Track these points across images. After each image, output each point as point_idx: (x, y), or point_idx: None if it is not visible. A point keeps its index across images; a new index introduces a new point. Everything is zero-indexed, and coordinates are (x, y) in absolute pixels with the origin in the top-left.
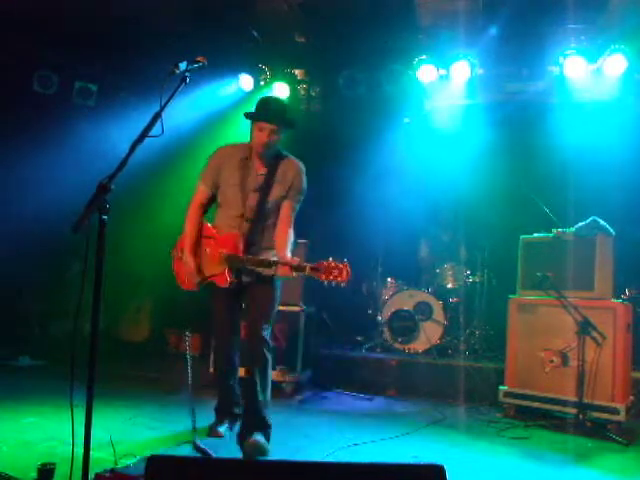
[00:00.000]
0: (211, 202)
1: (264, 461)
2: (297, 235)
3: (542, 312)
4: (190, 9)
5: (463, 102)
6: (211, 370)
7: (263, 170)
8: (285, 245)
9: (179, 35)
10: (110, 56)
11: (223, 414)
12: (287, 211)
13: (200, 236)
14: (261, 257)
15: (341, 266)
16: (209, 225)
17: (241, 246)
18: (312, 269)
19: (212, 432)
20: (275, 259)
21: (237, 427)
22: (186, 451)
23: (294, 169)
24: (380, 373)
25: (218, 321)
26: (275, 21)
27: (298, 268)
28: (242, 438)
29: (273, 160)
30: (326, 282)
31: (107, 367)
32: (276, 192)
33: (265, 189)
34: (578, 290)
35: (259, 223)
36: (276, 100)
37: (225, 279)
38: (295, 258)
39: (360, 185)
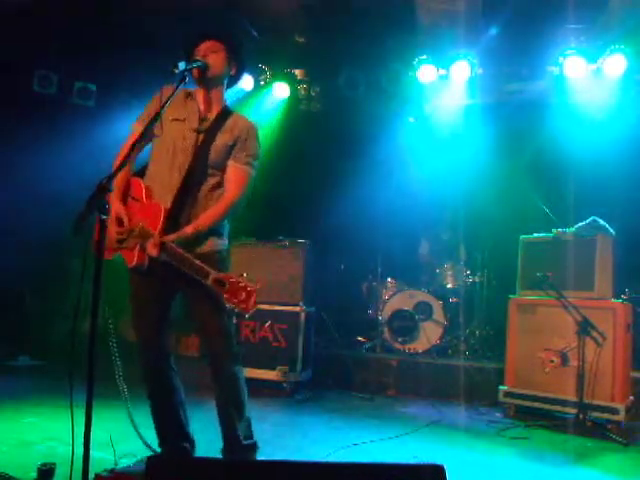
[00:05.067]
0: (146, 144)
1: (264, 461)
2: (297, 235)
3: (542, 312)
4: (190, 9)
5: (463, 102)
6: None
7: (209, 114)
8: (213, 215)
9: (179, 35)
10: (110, 56)
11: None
12: (234, 172)
13: (128, 193)
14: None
15: (250, 289)
16: (140, 182)
17: (161, 220)
18: (216, 281)
19: None
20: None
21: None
22: None
23: (246, 122)
24: (380, 373)
25: (136, 313)
26: (275, 21)
27: (200, 270)
28: None
29: (222, 110)
30: (228, 304)
31: (106, 367)
32: (223, 139)
33: (210, 133)
34: (578, 290)
35: (196, 176)
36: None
37: (132, 257)
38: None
39: (360, 185)
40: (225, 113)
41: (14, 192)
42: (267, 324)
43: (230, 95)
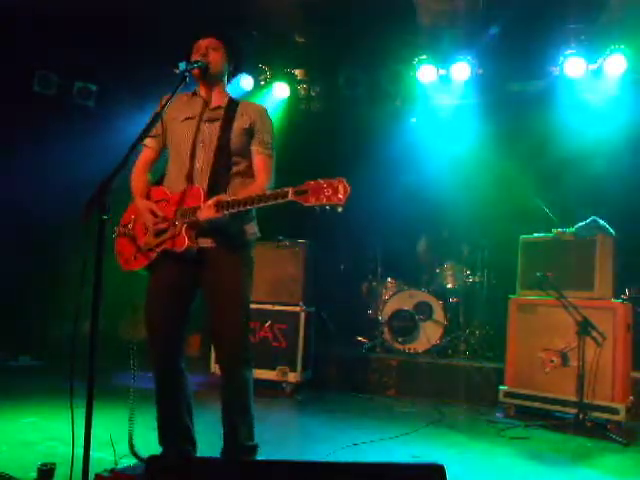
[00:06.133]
0: (159, 157)
1: (264, 461)
2: (297, 235)
3: (542, 312)
4: (189, 9)
5: (463, 102)
6: (212, 370)
7: (218, 103)
8: (252, 191)
9: (179, 35)
10: (110, 56)
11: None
12: (260, 159)
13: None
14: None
15: (335, 182)
16: (159, 187)
17: (202, 197)
18: (296, 193)
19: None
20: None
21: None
22: None
23: (255, 105)
24: (380, 373)
25: (151, 306)
26: (275, 21)
27: (277, 195)
28: None
29: (229, 100)
30: (318, 208)
31: (107, 367)
32: (239, 124)
33: (225, 120)
34: (578, 290)
35: (221, 165)
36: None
37: (183, 240)
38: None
39: (360, 185)
40: (233, 102)
41: (14, 192)
42: (267, 324)
43: (230, 92)
